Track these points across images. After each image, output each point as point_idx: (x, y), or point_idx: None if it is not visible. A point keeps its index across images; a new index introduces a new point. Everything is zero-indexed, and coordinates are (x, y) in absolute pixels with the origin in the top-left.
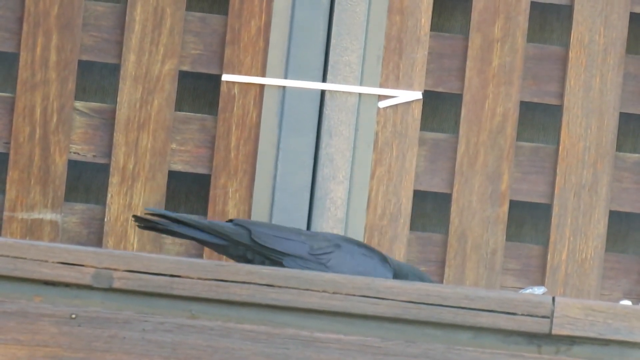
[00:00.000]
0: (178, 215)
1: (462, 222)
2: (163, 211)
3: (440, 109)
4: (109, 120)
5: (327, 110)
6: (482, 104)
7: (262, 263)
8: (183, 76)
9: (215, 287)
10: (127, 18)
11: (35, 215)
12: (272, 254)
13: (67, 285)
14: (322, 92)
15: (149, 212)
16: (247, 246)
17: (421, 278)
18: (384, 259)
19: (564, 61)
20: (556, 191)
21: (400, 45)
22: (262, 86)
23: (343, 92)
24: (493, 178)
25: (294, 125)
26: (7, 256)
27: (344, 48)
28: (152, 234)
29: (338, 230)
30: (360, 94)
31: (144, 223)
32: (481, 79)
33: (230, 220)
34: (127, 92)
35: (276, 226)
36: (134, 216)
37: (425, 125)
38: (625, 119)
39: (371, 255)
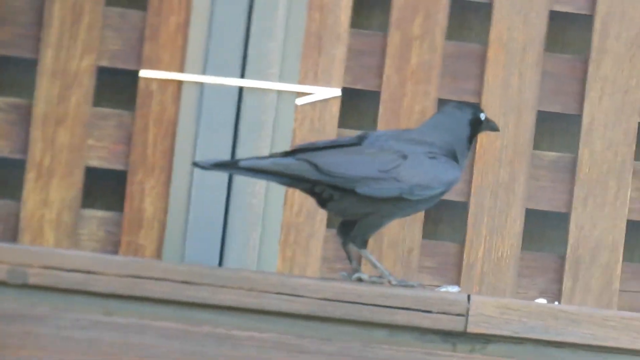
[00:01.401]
0: (237, 161)
1: None
2: (223, 160)
3: (358, 106)
4: (25, 116)
5: (245, 107)
6: (400, 101)
7: (331, 195)
8: (101, 72)
9: (131, 284)
10: (45, 13)
11: None
12: (343, 182)
13: None
14: (241, 89)
15: (210, 164)
16: (317, 180)
17: (469, 109)
18: (449, 155)
19: (482, 59)
20: (473, 189)
21: (319, 42)
22: (180, 82)
23: (261, 88)
24: None
25: (212, 121)
26: None
27: (263, 45)
28: (69, 229)
29: (256, 229)
30: (278, 91)
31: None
32: (400, 76)
33: (291, 153)
34: (45, 88)
35: (338, 150)
36: (194, 163)
37: (343, 122)
38: (542, 117)
39: (437, 156)
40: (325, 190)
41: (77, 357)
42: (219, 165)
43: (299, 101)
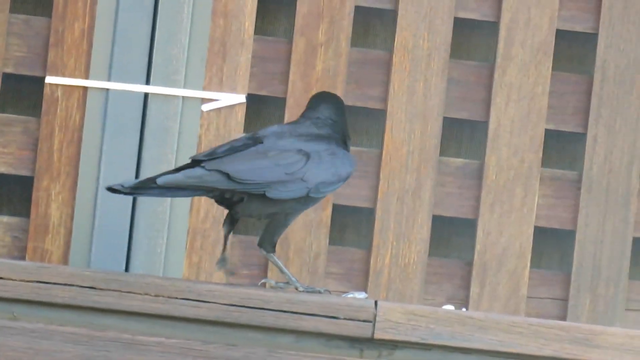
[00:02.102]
0: (153, 179)
1: None
2: (136, 181)
3: (264, 112)
4: None
5: (150, 113)
6: (305, 107)
7: (241, 199)
8: (6, 78)
9: (37, 289)
10: None
11: None
12: (255, 188)
13: None
14: (146, 95)
15: (122, 188)
16: (229, 187)
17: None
18: (337, 142)
19: (387, 66)
20: (379, 195)
21: (224, 49)
22: (85, 88)
23: (166, 95)
24: None
25: (117, 128)
26: None
27: (168, 51)
28: None
29: (161, 234)
30: (183, 97)
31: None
32: (305, 82)
33: (196, 162)
34: None
35: (243, 155)
36: (108, 187)
37: (249, 128)
38: (448, 123)
39: (335, 151)
40: (235, 195)
41: None
42: (136, 188)
43: (205, 107)
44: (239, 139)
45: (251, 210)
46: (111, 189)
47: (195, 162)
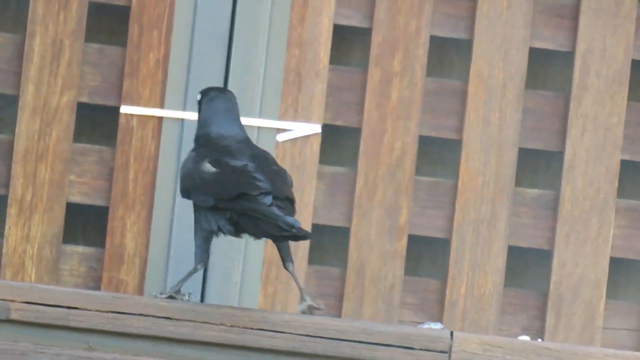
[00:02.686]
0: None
1: (360, 256)
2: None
3: (339, 142)
4: (6, 152)
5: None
6: (380, 137)
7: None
8: (81, 108)
9: (113, 319)
10: (25, 49)
11: None
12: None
13: None
14: None
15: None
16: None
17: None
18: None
19: (463, 95)
20: (455, 226)
21: (299, 79)
22: (160, 118)
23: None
24: (391, 212)
25: None
26: None
27: (243, 81)
28: (50, 265)
29: (237, 265)
30: (258, 127)
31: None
32: (380, 112)
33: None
34: (26, 123)
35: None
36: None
37: (323, 158)
38: (524, 154)
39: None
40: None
41: None
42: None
43: (280, 137)
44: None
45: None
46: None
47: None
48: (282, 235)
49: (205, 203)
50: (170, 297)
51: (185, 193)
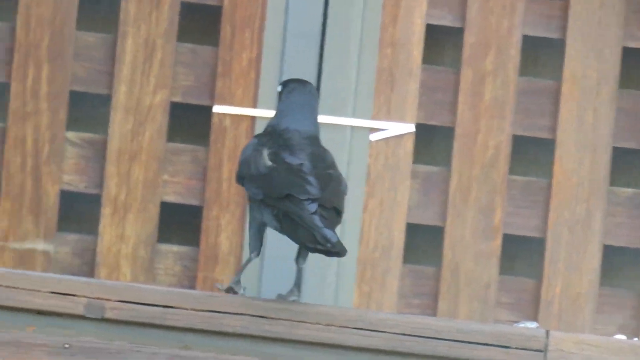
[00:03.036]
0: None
1: (455, 255)
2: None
3: (432, 142)
4: (100, 151)
5: None
6: (474, 137)
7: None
8: (174, 107)
9: (209, 318)
10: (118, 49)
11: (28, 245)
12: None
13: (59, 315)
14: None
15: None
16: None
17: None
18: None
19: (556, 95)
20: (549, 225)
21: (392, 78)
22: (253, 118)
23: (335, 124)
24: (486, 212)
25: None
26: (0, 286)
27: (336, 81)
28: (145, 264)
29: (332, 265)
30: (352, 127)
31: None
32: (473, 112)
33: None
34: (119, 123)
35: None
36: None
37: (417, 158)
38: (618, 153)
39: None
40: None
41: None
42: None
43: (373, 137)
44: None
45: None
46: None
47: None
48: (316, 248)
49: (256, 196)
50: (230, 288)
51: (240, 180)
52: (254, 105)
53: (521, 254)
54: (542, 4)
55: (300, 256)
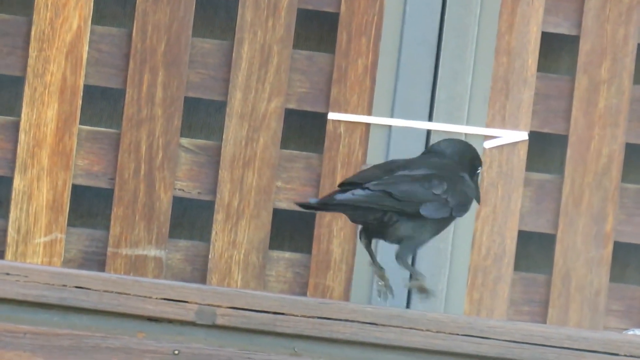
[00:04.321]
0: (323, 200)
1: (566, 262)
2: (319, 199)
3: (545, 149)
4: (214, 157)
5: None
6: (587, 145)
7: (394, 219)
8: (289, 114)
9: (319, 325)
10: (234, 55)
11: (140, 251)
12: (411, 207)
13: (170, 321)
14: (428, 132)
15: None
16: (392, 208)
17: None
18: (460, 170)
19: None
20: None
21: (506, 86)
22: (368, 125)
23: (449, 132)
24: (598, 219)
25: None
26: (111, 292)
27: (451, 88)
28: (257, 270)
29: (443, 271)
30: (466, 134)
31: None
32: (587, 120)
33: (350, 185)
34: (233, 130)
35: (398, 179)
36: (297, 203)
37: (530, 165)
38: None
39: (464, 176)
40: (392, 217)
41: None
42: (322, 204)
43: (487, 144)
44: (369, 168)
45: (402, 232)
46: (300, 205)
47: (347, 185)
48: None
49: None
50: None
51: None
52: (369, 112)
53: (632, 261)
54: None
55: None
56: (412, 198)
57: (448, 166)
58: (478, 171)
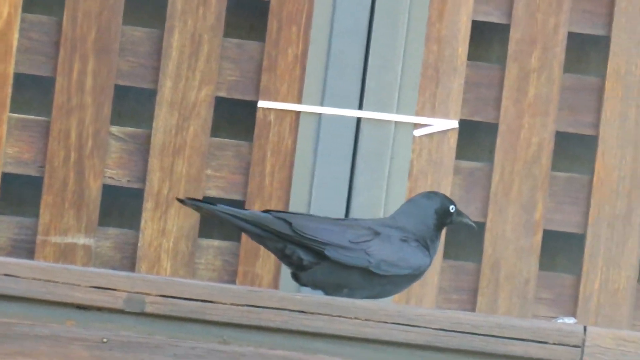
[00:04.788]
0: (220, 208)
1: (495, 251)
2: (205, 202)
3: (475, 138)
4: (144, 146)
5: (362, 138)
6: (517, 133)
7: (300, 260)
8: (219, 102)
9: (248, 313)
10: (164, 44)
11: (69, 239)
12: (314, 244)
13: (99, 309)
14: (358, 120)
15: (191, 199)
16: (288, 238)
17: (440, 203)
18: (420, 241)
19: (600, 92)
20: (590, 221)
21: (437, 74)
22: (298, 113)
23: (379, 119)
24: (527, 207)
25: (329, 152)
26: (40, 280)
27: (381, 76)
28: (185, 258)
29: None
30: (395, 122)
31: (186, 203)
32: (517, 108)
33: (268, 211)
34: (163, 118)
35: (314, 217)
36: (178, 198)
37: (460, 154)
38: None
39: (408, 240)
40: (295, 253)
41: None
42: (198, 200)
43: (417, 132)
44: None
45: (315, 278)
46: (181, 200)
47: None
48: None
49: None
50: None
51: None
52: (299, 100)
53: (561, 250)
54: (588, 1)
55: None
56: (317, 235)
57: (397, 227)
58: (452, 210)
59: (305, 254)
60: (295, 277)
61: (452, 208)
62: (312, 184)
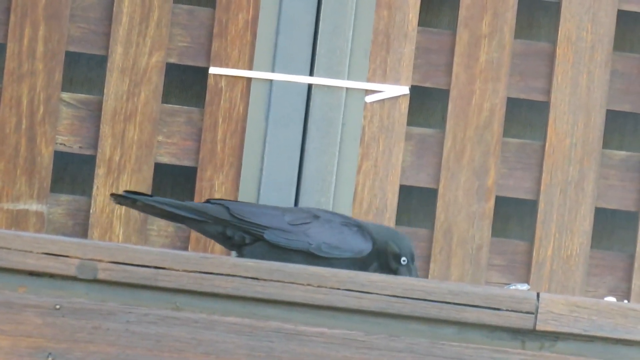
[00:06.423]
0: (156, 199)
1: (447, 217)
2: (141, 194)
3: (427, 104)
4: (95, 112)
5: (314, 104)
6: (469, 99)
7: (242, 239)
8: (170, 69)
9: (200, 280)
10: (114, 10)
11: (21, 206)
12: (253, 227)
13: (51, 276)
14: (309, 86)
15: (128, 191)
16: (227, 222)
17: (400, 243)
18: (362, 229)
19: (551, 58)
20: (542, 187)
21: (387, 40)
22: (249, 79)
23: (330, 86)
24: (479, 174)
25: (280, 118)
26: None
27: (332, 42)
28: (138, 224)
29: None
30: (347, 88)
31: (121, 200)
32: (468, 74)
33: (208, 201)
34: (114, 84)
35: (253, 204)
36: (112, 194)
37: (412, 120)
38: (612, 116)
39: (349, 224)
40: (237, 234)
41: (145, 352)
42: (135, 194)
43: (368, 99)
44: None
45: (257, 256)
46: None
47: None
48: None
49: None
50: None
51: None
52: (250, 67)
53: (514, 216)
54: None
55: None
56: (255, 220)
57: (348, 224)
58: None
59: (247, 235)
60: (238, 250)
61: (404, 260)
62: (264, 151)
